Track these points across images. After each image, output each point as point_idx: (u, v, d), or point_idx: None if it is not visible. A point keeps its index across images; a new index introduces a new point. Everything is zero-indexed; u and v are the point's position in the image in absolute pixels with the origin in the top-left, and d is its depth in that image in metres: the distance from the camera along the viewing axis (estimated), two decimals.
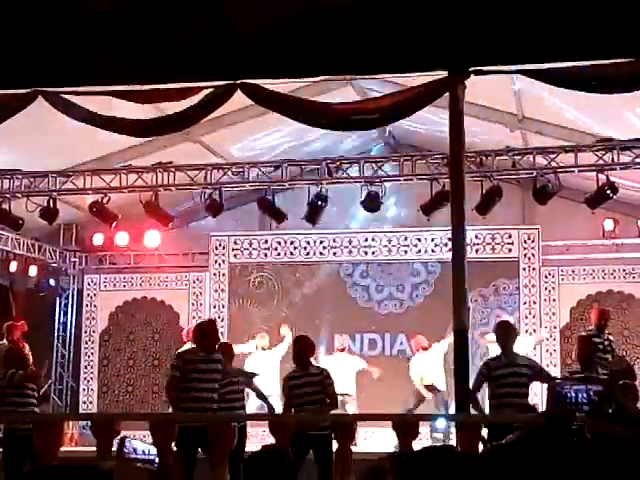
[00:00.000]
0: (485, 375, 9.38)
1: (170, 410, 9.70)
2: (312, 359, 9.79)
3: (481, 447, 7.64)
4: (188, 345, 13.41)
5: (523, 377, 9.34)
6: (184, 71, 8.83)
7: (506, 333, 9.77)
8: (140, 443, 5.14)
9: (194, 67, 8.77)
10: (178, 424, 8.15)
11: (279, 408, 10.82)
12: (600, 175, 13.07)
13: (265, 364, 13.98)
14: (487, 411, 9.32)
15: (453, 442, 9.57)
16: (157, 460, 5.11)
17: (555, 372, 13.92)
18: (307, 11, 8.43)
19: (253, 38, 8.58)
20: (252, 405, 12.60)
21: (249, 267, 17.41)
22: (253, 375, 10.97)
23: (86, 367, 17.58)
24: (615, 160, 12.80)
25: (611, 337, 12.09)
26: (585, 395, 5.65)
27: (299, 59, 8.89)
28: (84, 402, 17.35)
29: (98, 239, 17.10)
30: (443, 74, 8.63)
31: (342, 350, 15.05)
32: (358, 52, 8.74)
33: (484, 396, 9.51)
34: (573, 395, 5.63)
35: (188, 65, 8.75)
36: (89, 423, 9.95)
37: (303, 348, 9.67)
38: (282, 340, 14.86)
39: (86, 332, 17.71)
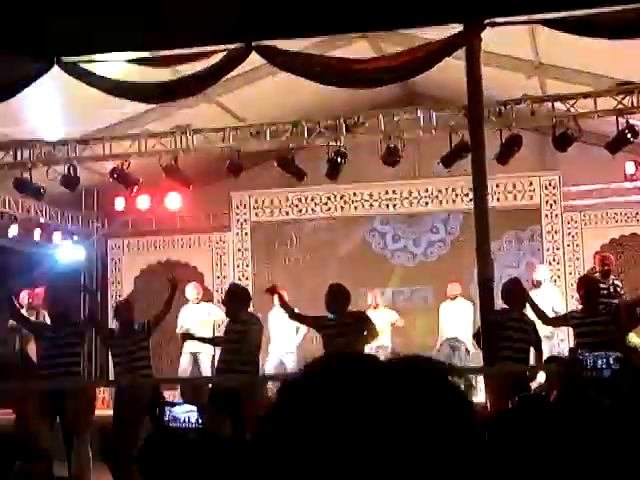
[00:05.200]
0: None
1: None
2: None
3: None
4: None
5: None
6: (198, 36, 8.82)
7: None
8: (181, 409, 5.16)
9: (208, 31, 8.76)
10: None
11: None
12: (620, 119, 13.00)
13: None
14: None
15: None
16: (199, 424, 5.14)
17: None
18: None
19: None
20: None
21: (271, 225, 17.45)
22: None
23: None
24: (635, 104, 12.72)
25: (618, 282, 12.12)
26: (605, 361, 5.67)
27: (314, 17, 8.87)
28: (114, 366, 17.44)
29: (120, 203, 16.99)
30: (458, 27, 8.61)
31: (375, 307, 15.12)
32: (373, 7, 8.71)
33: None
34: (591, 361, 5.66)
35: (202, 30, 8.74)
36: None
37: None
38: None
39: (112, 296, 17.80)
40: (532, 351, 9.98)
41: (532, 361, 9.92)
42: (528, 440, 1.87)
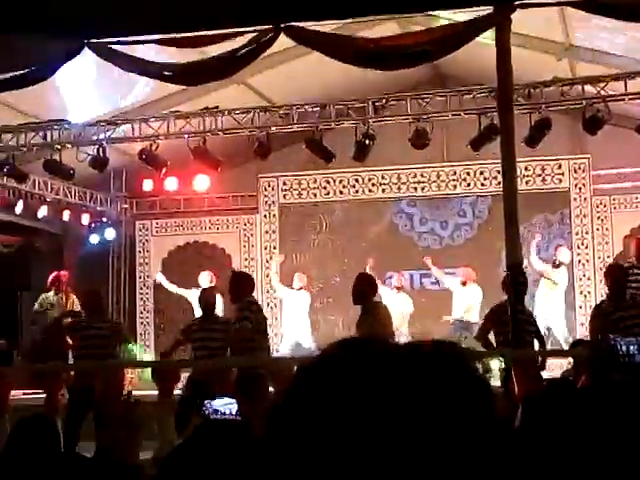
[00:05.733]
0: None
1: None
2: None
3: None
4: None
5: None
6: (226, 18, 8.80)
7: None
8: (221, 402, 5.14)
9: (236, 13, 8.73)
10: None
11: None
12: None
13: None
14: None
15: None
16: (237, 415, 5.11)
17: None
18: None
19: None
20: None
21: (299, 207, 17.44)
22: None
23: (142, 312, 17.77)
24: None
25: None
26: (636, 347, 5.61)
27: None
28: (142, 346, 17.56)
29: (148, 185, 17.02)
30: (488, 9, 8.54)
31: (399, 289, 15.12)
32: None
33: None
34: (624, 347, 5.60)
35: (230, 12, 8.71)
36: None
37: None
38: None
39: (140, 278, 17.89)
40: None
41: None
42: (556, 426, 1.85)
